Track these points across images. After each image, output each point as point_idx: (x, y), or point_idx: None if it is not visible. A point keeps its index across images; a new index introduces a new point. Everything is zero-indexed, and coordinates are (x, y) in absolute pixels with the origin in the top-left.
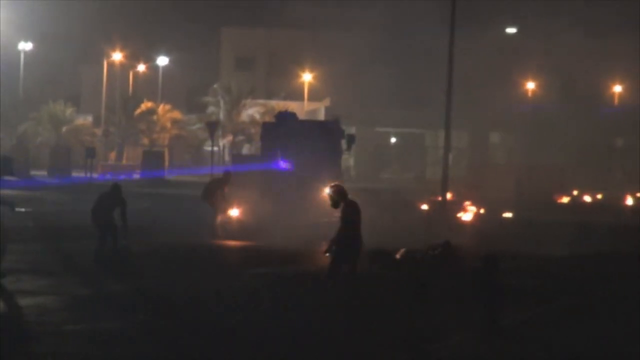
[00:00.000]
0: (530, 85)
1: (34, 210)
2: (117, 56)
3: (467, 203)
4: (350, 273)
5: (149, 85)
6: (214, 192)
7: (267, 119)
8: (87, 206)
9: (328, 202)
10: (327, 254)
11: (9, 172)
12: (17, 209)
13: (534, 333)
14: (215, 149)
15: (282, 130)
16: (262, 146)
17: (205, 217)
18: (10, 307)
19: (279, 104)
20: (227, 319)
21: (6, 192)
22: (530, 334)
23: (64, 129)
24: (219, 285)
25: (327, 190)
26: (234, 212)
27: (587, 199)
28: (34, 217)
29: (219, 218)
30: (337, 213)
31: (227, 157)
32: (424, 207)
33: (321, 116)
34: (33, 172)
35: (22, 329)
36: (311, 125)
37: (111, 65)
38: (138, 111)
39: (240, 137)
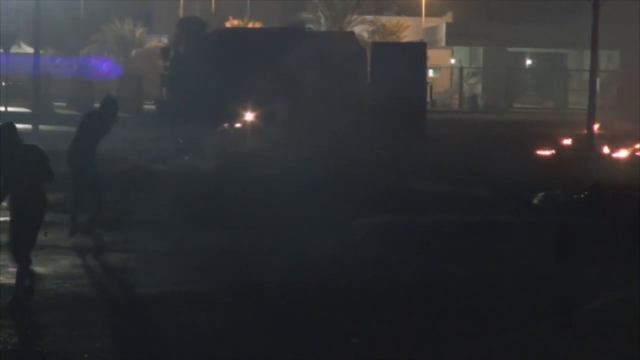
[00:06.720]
0: None
1: None
2: None
3: (619, 137)
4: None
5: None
6: None
7: (378, 38)
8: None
9: None
10: None
11: None
12: None
13: None
14: None
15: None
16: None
17: None
18: (80, 267)
19: (391, 21)
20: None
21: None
22: None
23: (133, 52)
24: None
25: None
26: None
27: None
28: None
29: None
30: None
31: None
32: (567, 142)
33: (442, 35)
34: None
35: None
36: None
37: None
38: None
39: None
